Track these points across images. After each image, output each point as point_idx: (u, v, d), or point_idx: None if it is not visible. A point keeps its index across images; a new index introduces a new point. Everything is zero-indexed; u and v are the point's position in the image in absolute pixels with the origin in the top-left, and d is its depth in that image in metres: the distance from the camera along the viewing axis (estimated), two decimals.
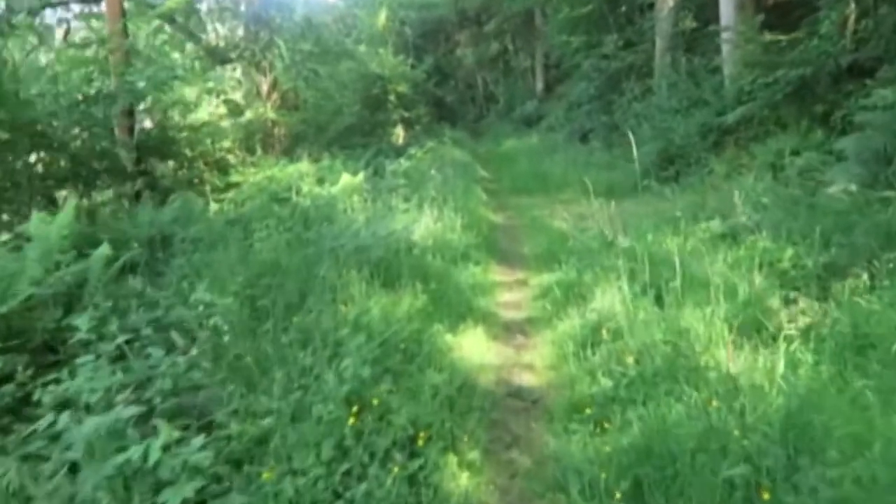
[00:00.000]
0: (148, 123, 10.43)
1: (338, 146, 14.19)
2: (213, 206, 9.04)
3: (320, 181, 10.45)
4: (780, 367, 3.78)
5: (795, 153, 8.48)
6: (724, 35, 11.44)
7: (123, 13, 9.27)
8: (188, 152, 10.26)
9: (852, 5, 9.51)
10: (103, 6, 9.89)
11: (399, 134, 19.06)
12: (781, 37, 9.18)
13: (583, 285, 5.74)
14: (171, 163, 10.03)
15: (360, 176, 9.04)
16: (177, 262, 5.05)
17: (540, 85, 26.04)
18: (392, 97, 18.79)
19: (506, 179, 14.48)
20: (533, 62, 27.06)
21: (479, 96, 30.71)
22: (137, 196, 8.37)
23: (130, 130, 9.23)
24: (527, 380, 4.48)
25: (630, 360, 3.77)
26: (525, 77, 28.30)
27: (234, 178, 9.97)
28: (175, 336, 3.57)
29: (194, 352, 3.51)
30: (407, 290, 5.18)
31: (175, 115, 10.27)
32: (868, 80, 8.58)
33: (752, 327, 4.37)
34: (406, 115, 19.50)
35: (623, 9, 17.18)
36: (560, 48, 20.04)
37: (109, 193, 8.87)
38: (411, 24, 27.21)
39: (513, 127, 22.70)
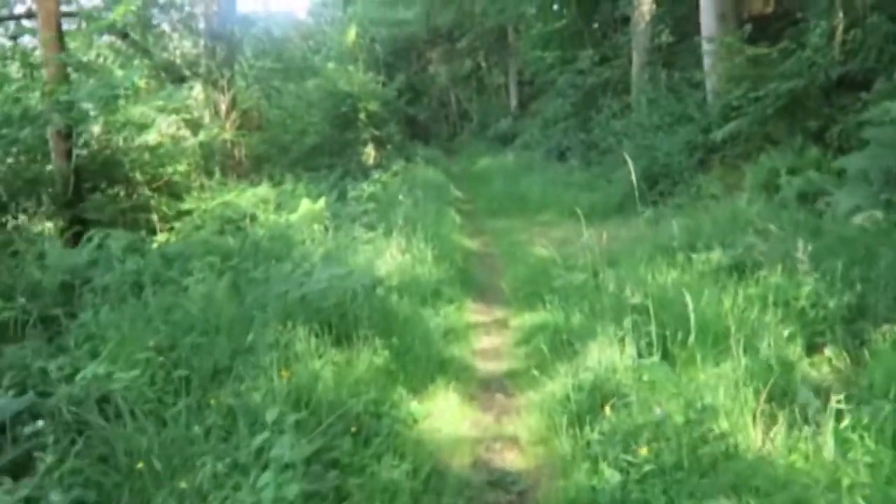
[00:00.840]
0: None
1: (303, 167, 13.29)
2: (161, 238, 8.10)
3: (279, 207, 9.55)
4: (828, 449, 2.98)
5: (792, 172, 7.77)
6: (706, 47, 10.78)
7: (59, 25, 8.34)
8: (138, 177, 9.30)
9: (840, 15, 8.89)
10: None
11: (370, 153, 18.22)
12: (766, 49, 8.50)
13: (571, 331, 4.91)
14: (117, 189, 9.08)
15: (321, 202, 8.17)
16: (84, 317, 4.13)
17: (514, 102, 25.41)
18: (362, 115, 17.96)
19: (481, 200, 13.68)
20: (507, 79, 26.45)
21: (452, 114, 30.05)
22: (71, 228, 7.42)
23: (68, 155, 8.27)
24: (510, 460, 3.61)
25: (643, 450, 2.92)
26: (499, 94, 27.68)
27: (188, 204, 9.03)
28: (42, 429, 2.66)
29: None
30: (366, 344, 4.29)
31: (121, 138, 9.30)
32: (863, 92, 7.94)
33: (781, 390, 3.57)
34: (377, 133, 18.66)
35: (598, 24, 16.56)
36: (534, 64, 19.39)
37: (44, 226, 7.90)
38: (382, 42, 26.47)
39: (487, 145, 21.99)
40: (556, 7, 17.72)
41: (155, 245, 7.50)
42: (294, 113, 15.19)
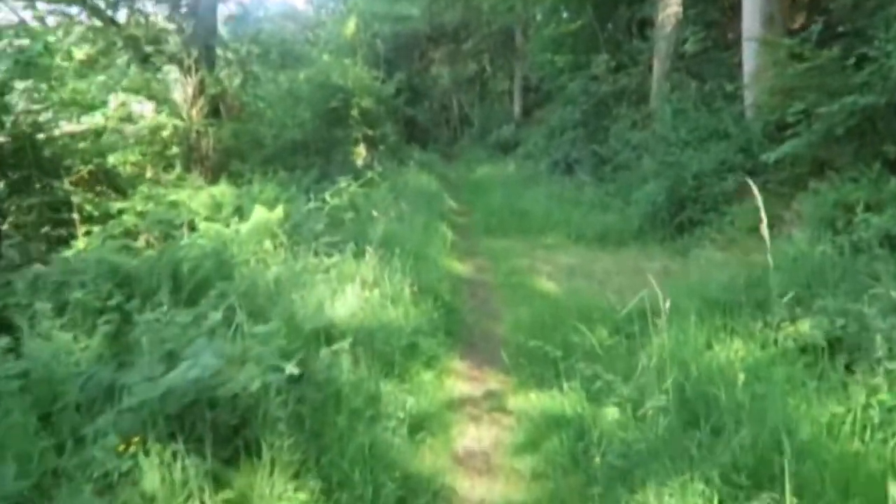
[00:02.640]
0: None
1: (282, 165, 11.50)
2: (80, 245, 6.33)
3: (238, 212, 7.78)
4: None
5: (869, 208, 6.04)
6: (749, 53, 9.07)
7: None
8: (63, 167, 7.49)
9: None
10: None
11: (360, 153, 16.47)
12: (838, 55, 6.75)
13: (604, 436, 3.16)
14: (36, 183, 7.28)
15: (279, 211, 6.40)
16: None
17: (517, 109, 23.65)
18: (355, 112, 16.22)
19: (478, 213, 11.91)
20: (511, 84, 24.69)
21: (453, 118, 28.26)
22: None
23: None
24: None
25: None
26: (502, 100, 25.93)
27: (121, 204, 7.24)
28: None
29: None
30: (273, 474, 2.53)
31: (48, 119, 7.49)
32: None
33: None
34: (370, 133, 16.92)
35: (614, 27, 14.82)
36: (543, 68, 17.65)
37: None
38: (384, 38, 24.69)
39: (487, 152, 20.23)
40: (570, 8, 15.99)
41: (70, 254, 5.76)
42: (276, 103, 13.39)
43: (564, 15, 16.60)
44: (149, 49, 9.90)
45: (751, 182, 4.07)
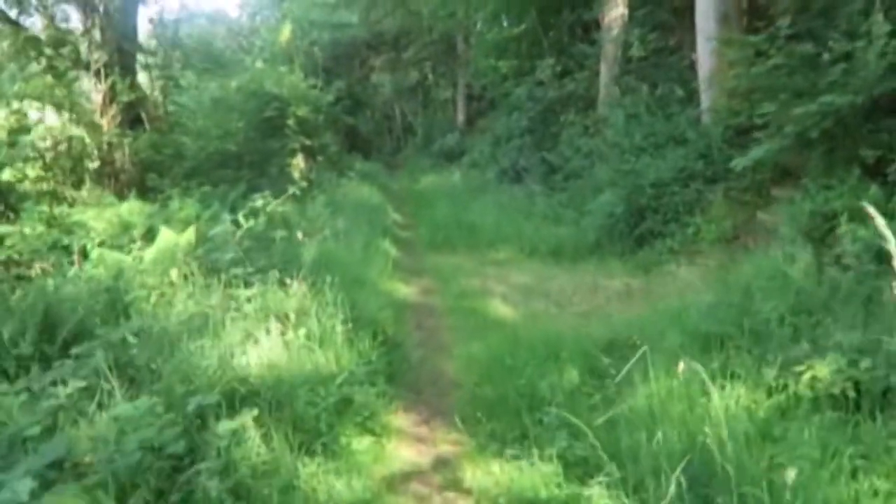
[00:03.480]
0: None
1: (207, 179, 10.42)
2: None
3: (151, 232, 6.73)
4: None
5: (851, 218, 5.43)
6: (704, 52, 8.50)
7: None
8: None
9: (881, 18, 6.65)
10: None
11: (298, 165, 15.42)
12: (813, 51, 6.15)
13: None
14: None
15: (189, 233, 5.40)
16: None
17: (461, 117, 22.94)
18: (291, 122, 15.18)
19: (423, 226, 11.05)
20: (454, 92, 23.97)
21: (396, 127, 27.39)
22: None
23: None
24: None
25: None
26: (445, 108, 25.19)
27: (3, 228, 6.11)
28: None
29: None
30: None
31: None
32: None
33: None
34: (308, 143, 15.87)
35: (559, 31, 14.20)
36: (486, 75, 16.94)
37: None
38: (322, 46, 23.63)
39: (432, 161, 19.43)
40: (512, 12, 15.33)
41: None
42: (202, 112, 12.27)
43: (505, 24, 15.93)
44: (48, 51, 8.71)
45: None
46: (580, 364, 4.12)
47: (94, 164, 9.07)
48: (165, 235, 5.36)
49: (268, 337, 3.84)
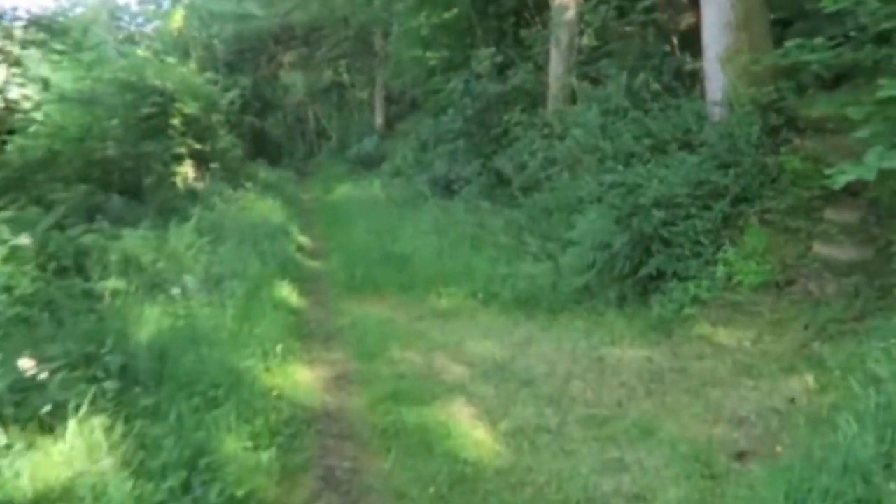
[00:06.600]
0: None
1: (36, 192, 7.22)
2: None
3: None
4: None
5: None
6: (711, 28, 6.07)
7: None
8: None
9: None
10: None
11: (186, 173, 12.15)
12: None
13: None
14: None
15: None
16: None
17: (380, 120, 20.08)
18: (176, 121, 11.94)
19: (338, 254, 8.13)
20: (372, 93, 21.05)
21: (309, 131, 24.14)
22: None
23: None
24: None
25: None
26: (363, 110, 22.18)
27: None
28: None
29: None
30: None
31: None
32: None
33: None
34: (198, 147, 12.62)
35: (498, 14, 11.59)
36: (410, 70, 14.17)
37: None
38: (224, 39, 20.18)
39: (348, 168, 16.52)
40: None
41: None
42: (46, 105, 9.00)
43: (424, 14, 13.04)
44: None
45: None
46: None
47: None
48: None
49: None
